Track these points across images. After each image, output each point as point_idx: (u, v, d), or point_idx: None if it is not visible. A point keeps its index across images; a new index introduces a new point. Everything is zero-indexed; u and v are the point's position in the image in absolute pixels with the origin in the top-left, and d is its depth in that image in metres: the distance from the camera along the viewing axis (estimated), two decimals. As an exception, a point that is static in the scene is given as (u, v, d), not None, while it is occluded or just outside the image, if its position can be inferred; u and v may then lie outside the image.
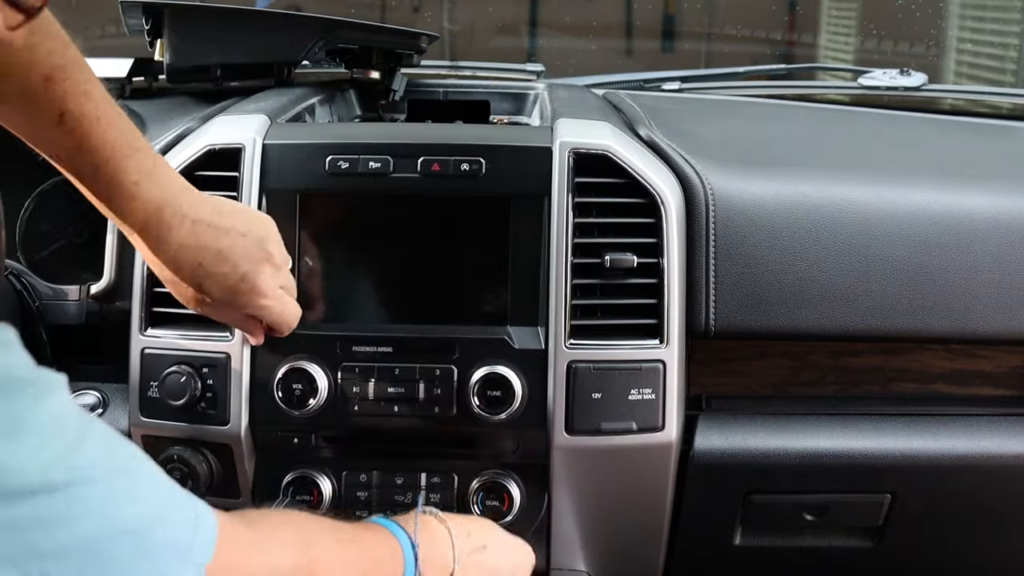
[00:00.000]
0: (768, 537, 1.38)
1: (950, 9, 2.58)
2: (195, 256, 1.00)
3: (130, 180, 0.95)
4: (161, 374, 1.20)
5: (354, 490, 1.25)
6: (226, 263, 1.02)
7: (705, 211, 1.23)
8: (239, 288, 1.04)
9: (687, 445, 1.28)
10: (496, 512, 1.23)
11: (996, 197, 1.29)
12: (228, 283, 1.03)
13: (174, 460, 1.21)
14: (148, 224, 0.98)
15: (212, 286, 1.03)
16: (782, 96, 1.97)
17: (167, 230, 0.98)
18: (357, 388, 1.19)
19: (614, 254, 1.19)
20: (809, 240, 1.24)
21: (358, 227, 1.24)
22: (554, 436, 1.20)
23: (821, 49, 2.84)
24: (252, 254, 1.03)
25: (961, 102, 2.12)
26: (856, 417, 1.32)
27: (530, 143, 1.23)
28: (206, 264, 1.01)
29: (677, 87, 1.92)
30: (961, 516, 1.37)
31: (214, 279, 1.02)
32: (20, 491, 0.59)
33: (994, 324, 1.26)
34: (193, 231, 0.99)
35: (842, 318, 1.24)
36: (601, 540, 1.30)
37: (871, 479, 1.31)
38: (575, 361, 1.18)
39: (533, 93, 1.71)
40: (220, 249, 1.01)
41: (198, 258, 1.00)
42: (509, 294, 1.21)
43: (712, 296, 1.23)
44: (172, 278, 1.04)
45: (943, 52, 2.55)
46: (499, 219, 1.21)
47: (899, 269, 1.25)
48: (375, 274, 1.24)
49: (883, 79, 1.95)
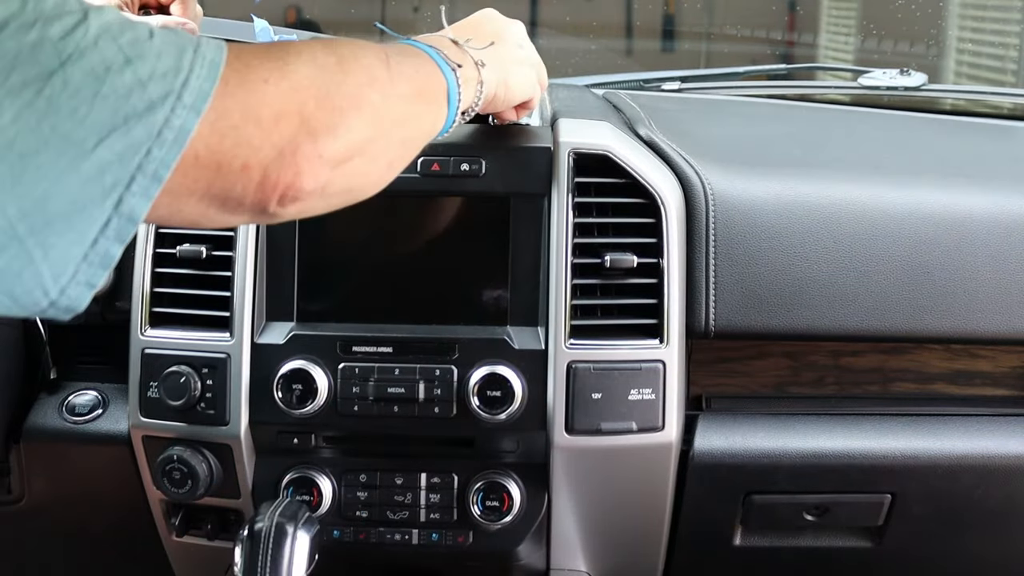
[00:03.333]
0: (768, 537, 1.38)
1: (950, 9, 2.58)
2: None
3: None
4: (161, 374, 1.20)
5: (354, 490, 1.25)
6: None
7: (705, 211, 1.23)
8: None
9: (687, 445, 1.28)
10: (496, 512, 1.23)
11: (996, 197, 1.29)
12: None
13: (174, 460, 1.21)
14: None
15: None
16: (782, 96, 1.97)
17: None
18: (357, 388, 1.19)
19: (614, 254, 1.19)
20: (809, 240, 1.24)
21: (358, 227, 1.24)
22: (554, 436, 1.20)
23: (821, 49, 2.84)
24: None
25: (961, 102, 2.12)
26: (856, 417, 1.32)
27: (530, 143, 1.23)
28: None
29: (677, 87, 1.92)
30: (961, 516, 1.37)
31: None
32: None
33: (994, 324, 1.26)
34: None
35: (842, 318, 1.24)
36: (601, 540, 1.30)
37: (871, 479, 1.31)
38: (575, 361, 1.18)
39: (533, 93, 1.71)
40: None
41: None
42: (509, 294, 1.21)
43: (712, 296, 1.23)
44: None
45: (943, 52, 2.55)
46: (499, 219, 1.21)
47: (899, 269, 1.25)
48: (375, 274, 1.24)
49: (883, 79, 1.95)
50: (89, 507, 1.41)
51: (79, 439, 1.30)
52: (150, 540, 1.34)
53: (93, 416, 1.31)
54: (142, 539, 1.35)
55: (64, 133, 0.60)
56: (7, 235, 0.59)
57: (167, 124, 0.63)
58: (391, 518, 1.25)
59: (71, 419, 1.31)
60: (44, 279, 0.62)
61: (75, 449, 1.32)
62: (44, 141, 0.59)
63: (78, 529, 1.45)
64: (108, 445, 1.29)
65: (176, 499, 1.25)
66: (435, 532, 1.25)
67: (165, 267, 1.23)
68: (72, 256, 0.62)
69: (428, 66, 0.89)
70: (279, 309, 1.22)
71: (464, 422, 1.19)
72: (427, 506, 1.25)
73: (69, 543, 1.49)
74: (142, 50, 0.63)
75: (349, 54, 0.77)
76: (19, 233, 0.60)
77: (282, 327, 1.22)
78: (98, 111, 0.60)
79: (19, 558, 1.51)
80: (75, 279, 0.63)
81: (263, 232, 1.22)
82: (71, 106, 0.60)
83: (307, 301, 1.22)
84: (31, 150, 0.59)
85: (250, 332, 1.20)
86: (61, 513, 1.41)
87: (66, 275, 0.62)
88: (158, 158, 0.63)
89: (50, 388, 1.33)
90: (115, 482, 1.31)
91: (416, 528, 1.25)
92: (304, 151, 0.71)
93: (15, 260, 0.60)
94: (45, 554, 1.50)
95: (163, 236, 1.23)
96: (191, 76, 0.64)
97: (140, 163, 0.62)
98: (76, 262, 0.62)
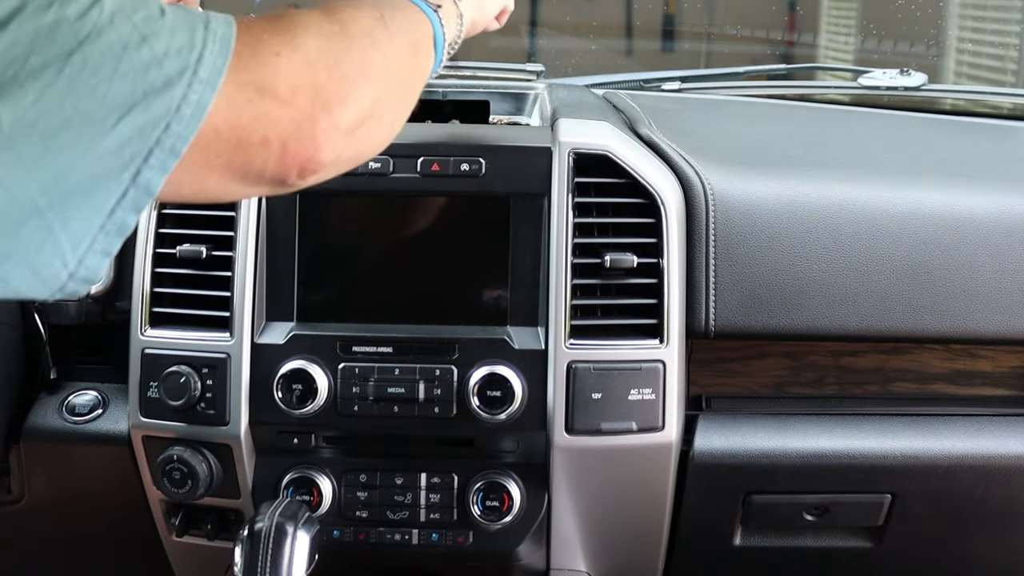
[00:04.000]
0: (768, 537, 1.38)
1: (950, 9, 2.58)
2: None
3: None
4: (161, 374, 1.20)
5: (354, 490, 1.25)
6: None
7: (705, 211, 1.23)
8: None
9: (687, 445, 1.28)
10: (496, 512, 1.23)
11: (996, 197, 1.29)
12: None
13: (174, 460, 1.21)
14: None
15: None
16: (782, 96, 1.97)
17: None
18: (357, 388, 1.19)
19: (614, 254, 1.19)
20: (809, 240, 1.24)
21: (358, 227, 1.24)
22: (554, 436, 1.20)
23: (821, 49, 2.84)
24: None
25: (961, 102, 2.12)
26: (856, 417, 1.32)
27: (530, 143, 1.23)
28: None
29: (677, 87, 1.92)
30: (961, 516, 1.37)
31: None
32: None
33: (994, 324, 1.26)
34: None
35: (842, 318, 1.24)
36: (601, 540, 1.30)
37: (871, 479, 1.31)
38: (575, 361, 1.18)
39: (533, 93, 1.71)
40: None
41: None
42: (509, 294, 1.21)
43: (712, 296, 1.23)
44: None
45: (943, 52, 2.54)
46: (499, 219, 1.21)
47: (899, 269, 1.24)
48: (375, 274, 1.24)
49: (883, 79, 1.95)
50: (89, 507, 1.41)
51: (79, 439, 1.30)
52: (150, 540, 1.34)
53: (93, 416, 1.31)
54: (142, 539, 1.35)
55: (85, 111, 0.61)
56: (27, 209, 0.60)
57: (185, 99, 0.64)
58: (391, 518, 1.25)
59: (71, 419, 1.31)
60: (64, 249, 0.63)
61: (75, 449, 1.32)
62: (66, 120, 0.60)
63: (78, 529, 1.45)
64: (108, 445, 1.29)
65: (176, 499, 1.25)
66: (435, 532, 1.25)
67: (165, 267, 1.23)
68: (90, 226, 0.63)
69: (416, 15, 0.90)
70: (279, 309, 1.22)
71: (464, 422, 1.19)
72: (427, 506, 1.24)
73: (69, 543, 1.49)
74: (156, 27, 0.64)
75: (349, 19, 0.79)
76: (39, 207, 0.61)
77: (282, 327, 1.22)
78: (117, 88, 0.61)
79: (19, 558, 1.51)
80: (92, 248, 0.64)
81: (263, 232, 1.22)
82: (91, 84, 0.61)
83: (307, 301, 1.22)
84: (53, 129, 0.60)
85: (250, 332, 1.20)
86: (61, 513, 1.41)
87: (84, 244, 0.63)
88: (176, 132, 0.64)
89: (50, 388, 1.33)
90: (115, 482, 1.31)
91: (416, 528, 1.25)
92: (322, 124, 0.73)
93: (36, 233, 0.61)
94: (45, 554, 1.50)
95: (163, 236, 1.23)
96: (204, 52, 0.65)
97: (159, 137, 0.63)
98: (94, 232, 0.64)
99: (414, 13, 0.90)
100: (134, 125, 0.62)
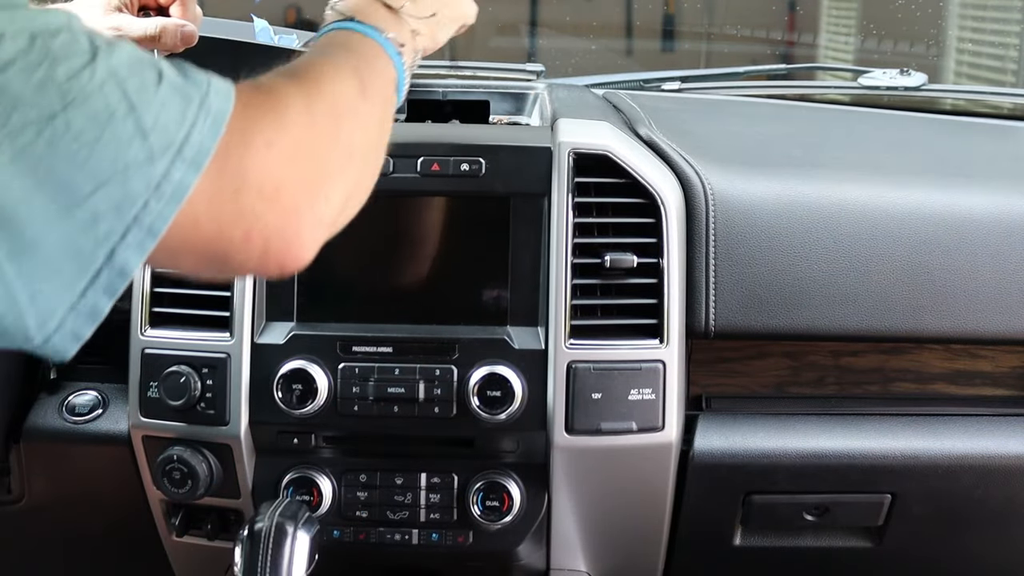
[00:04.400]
0: (768, 537, 1.38)
1: (950, 9, 2.58)
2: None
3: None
4: (161, 374, 1.20)
5: (354, 490, 1.25)
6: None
7: (705, 211, 1.23)
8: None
9: (687, 445, 1.28)
10: (496, 512, 1.23)
11: (996, 197, 1.29)
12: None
13: (174, 460, 1.21)
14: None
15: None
16: (782, 96, 1.97)
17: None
18: (357, 388, 1.19)
19: (614, 254, 1.19)
20: (809, 240, 1.24)
21: (358, 227, 1.23)
22: (554, 436, 1.20)
23: (821, 49, 2.84)
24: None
25: (961, 102, 2.12)
26: (856, 417, 1.32)
27: (530, 143, 1.23)
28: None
29: (677, 87, 1.92)
30: (961, 516, 1.37)
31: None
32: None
33: (994, 324, 1.26)
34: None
35: (842, 318, 1.24)
36: (601, 540, 1.30)
37: (871, 479, 1.31)
38: (575, 361, 1.18)
39: (533, 93, 1.71)
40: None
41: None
42: (509, 294, 1.21)
43: (712, 296, 1.23)
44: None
45: (943, 52, 2.55)
46: (499, 219, 1.21)
47: (899, 269, 1.25)
48: (375, 274, 1.24)
49: (883, 79, 1.95)
50: (89, 507, 1.41)
51: (79, 439, 1.30)
52: (150, 540, 1.34)
53: (93, 416, 1.31)
54: (142, 539, 1.35)
55: (61, 177, 0.58)
56: None
57: (166, 177, 0.61)
58: (391, 518, 1.25)
59: (71, 419, 1.30)
60: (28, 324, 0.60)
61: (75, 449, 1.32)
62: (39, 184, 0.58)
63: (78, 529, 1.45)
64: (108, 445, 1.29)
65: (176, 499, 1.25)
66: (435, 532, 1.25)
67: (165, 267, 1.23)
68: (59, 304, 0.60)
69: (386, 66, 0.88)
70: (279, 309, 1.22)
71: (464, 422, 1.19)
72: (427, 506, 1.25)
73: (69, 543, 1.49)
74: (147, 98, 0.62)
75: (336, 94, 0.77)
76: (5, 273, 0.58)
77: (282, 327, 1.22)
78: (97, 158, 0.59)
79: (19, 558, 1.51)
80: (61, 329, 0.61)
81: (263, 232, 1.22)
82: (71, 150, 0.58)
83: (307, 301, 1.22)
84: (26, 192, 0.57)
85: (250, 332, 1.20)
86: (61, 513, 1.41)
87: (52, 323, 0.60)
88: (155, 211, 0.61)
89: (50, 388, 1.33)
90: (115, 482, 1.31)
91: (416, 528, 1.25)
92: (306, 220, 0.71)
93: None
94: (45, 554, 1.50)
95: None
96: (193, 130, 0.63)
97: (137, 215, 0.61)
98: (63, 311, 0.60)
99: (384, 65, 0.87)
100: (111, 198, 0.60)
